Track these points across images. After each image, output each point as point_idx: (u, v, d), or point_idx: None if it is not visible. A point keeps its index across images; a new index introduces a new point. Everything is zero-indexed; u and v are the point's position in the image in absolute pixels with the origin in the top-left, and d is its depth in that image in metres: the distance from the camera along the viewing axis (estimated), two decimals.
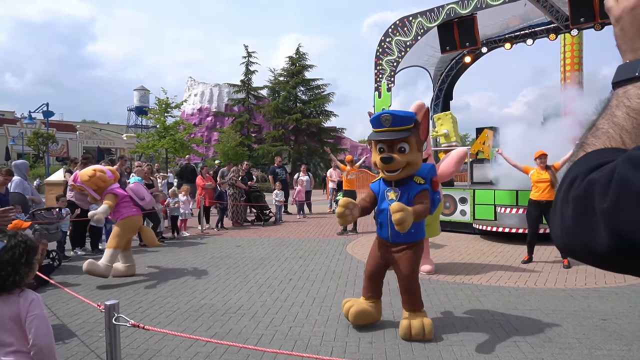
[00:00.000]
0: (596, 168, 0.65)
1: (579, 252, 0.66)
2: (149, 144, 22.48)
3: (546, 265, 6.55)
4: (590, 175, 0.64)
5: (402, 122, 3.82)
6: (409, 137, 3.82)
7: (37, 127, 30.75)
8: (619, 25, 0.75)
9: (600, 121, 0.73)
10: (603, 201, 0.60)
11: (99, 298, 4.99)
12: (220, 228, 11.02)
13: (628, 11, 0.73)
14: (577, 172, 0.67)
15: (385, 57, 12.34)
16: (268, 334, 4.02)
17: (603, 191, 0.60)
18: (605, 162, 0.64)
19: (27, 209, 7.11)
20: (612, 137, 0.70)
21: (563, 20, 11.66)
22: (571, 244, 0.66)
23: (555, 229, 0.69)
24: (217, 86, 39.26)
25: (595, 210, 0.61)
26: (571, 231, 0.65)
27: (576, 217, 0.64)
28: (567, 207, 0.66)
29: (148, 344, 3.78)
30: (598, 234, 0.60)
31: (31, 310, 2.02)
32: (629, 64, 0.73)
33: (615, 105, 0.71)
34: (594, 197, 0.62)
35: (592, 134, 0.73)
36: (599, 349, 3.61)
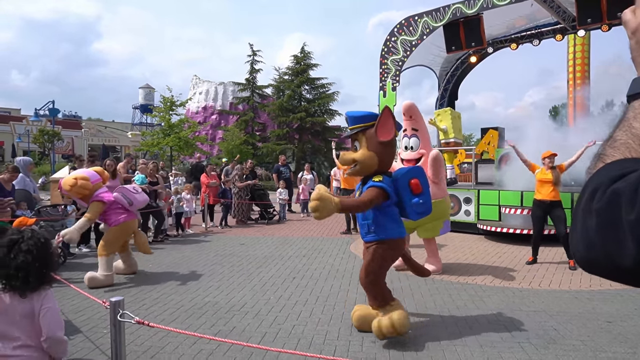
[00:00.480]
0: (619, 178, 0.63)
1: (603, 266, 0.63)
2: (154, 142, 22.56)
3: (550, 266, 6.52)
4: (614, 186, 0.62)
5: (355, 121, 3.92)
6: (358, 135, 3.91)
7: (43, 124, 30.92)
8: (636, 38, 0.75)
9: (617, 133, 0.72)
10: (630, 212, 0.58)
11: (103, 295, 5.01)
12: (224, 226, 11.05)
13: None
14: (598, 183, 0.66)
15: (390, 57, 12.32)
16: (271, 332, 4.03)
17: (630, 202, 0.58)
18: (627, 172, 0.63)
19: (33, 206, 7.15)
20: (632, 148, 0.69)
21: (570, 20, 11.61)
22: (594, 258, 0.64)
23: (576, 242, 0.67)
24: (221, 84, 39.34)
25: (621, 222, 0.59)
26: (595, 244, 0.63)
27: (600, 230, 0.62)
28: (590, 219, 0.64)
29: (152, 341, 3.80)
30: (625, 247, 0.58)
31: (45, 304, 2.05)
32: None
33: (633, 117, 0.71)
34: (620, 208, 0.59)
35: (610, 146, 0.72)
36: (603, 351, 3.60)
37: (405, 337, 3.81)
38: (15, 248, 2.03)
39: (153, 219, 9.19)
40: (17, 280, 2.00)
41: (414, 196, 3.92)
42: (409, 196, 3.91)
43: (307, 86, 33.41)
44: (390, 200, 3.81)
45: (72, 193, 5.75)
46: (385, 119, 3.86)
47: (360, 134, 3.91)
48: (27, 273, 2.00)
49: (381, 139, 3.85)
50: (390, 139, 3.90)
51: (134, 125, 55.58)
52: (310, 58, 33.39)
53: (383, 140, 3.85)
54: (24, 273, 1.99)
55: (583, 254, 0.66)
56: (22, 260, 2.00)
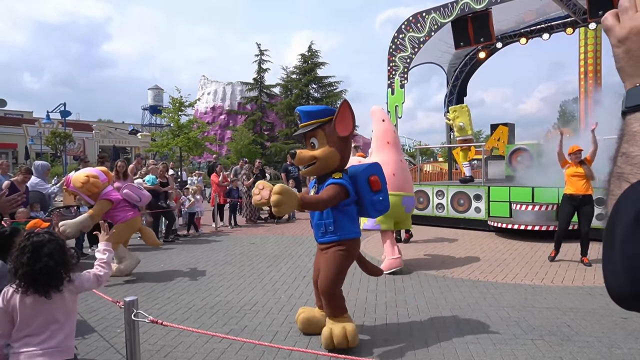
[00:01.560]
0: None
1: None
2: (163, 143, 22.71)
3: (563, 262, 6.45)
4: None
5: (310, 117, 3.73)
6: (316, 132, 3.69)
7: (55, 126, 31.31)
8: (624, 46, 0.69)
9: (630, 148, 0.66)
10: None
11: (116, 295, 5.07)
12: (234, 226, 11.10)
13: (637, 32, 0.67)
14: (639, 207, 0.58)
15: (398, 54, 12.27)
16: (283, 331, 4.04)
17: None
18: None
19: (46, 208, 7.25)
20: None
21: (581, 13, 11.46)
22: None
23: (619, 278, 0.59)
24: (230, 84, 39.51)
25: None
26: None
27: None
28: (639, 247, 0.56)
29: (165, 340, 3.84)
30: None
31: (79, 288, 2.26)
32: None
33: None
34: None
35: (629, 163, 0.66)
36: (618, 347, 3.55)
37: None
38: (38, 252, 2.07)
39: (164, 219, 9.27)
40: (40, 284, 2.05)
41: (374, 193, 3.76)
42: (368, 193, 3.74)
43: (315, 85, 33.44)
44: (349, 199, 3.66)
45: (82, 190, 5.77)
46: (344, 113, 3.67)
47: (319, 130, 3.68)
48: (50, 277, 2.05)
49: (341, 134, 3.66)
50: (349, 133, 3.71)
51: (143, 126, 56.03)
52: (318, 56, 33.43)
53: (343, 136, 3.67)
54: (47, 277, 2.04)
55: (631, 292, 0.58)
56: (44, 264, 2.04)
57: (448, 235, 9.07)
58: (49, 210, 7.12)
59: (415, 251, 7.57)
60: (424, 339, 3.82)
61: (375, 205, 3.77)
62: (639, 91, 0.68)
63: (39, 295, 2.05)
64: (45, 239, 2.12)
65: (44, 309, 2.08)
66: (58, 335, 2.09)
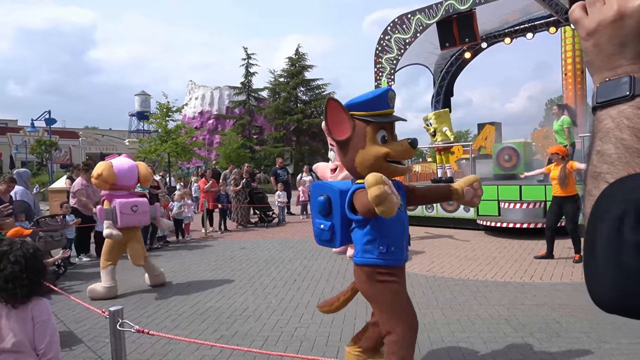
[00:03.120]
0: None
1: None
2: (151, 149, 22.53)
3: (551, 260, 6.51)
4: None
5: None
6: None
7: (40, 135, 30.90)
8: (593, 39, 0.68)
9: (605, 146, 0.64)
10: None
11: (104, 304, 4.99)
12: (224, 230, 11.03)
13: (606, 24, 0.66)
14: (622, 209, 0.55)
15: (384, 55, 12.32)
16: (274, 336, 4.01)
17: None
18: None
19: (31, 217, 7.13)
20: (632, 163, 0.61)
21: (563, 13, 11.62)
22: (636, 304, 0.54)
23: (602, 284, 0.57)
24: (217, 89, 39.30)
25: None
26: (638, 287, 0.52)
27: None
28: (625, 255, 0.53)
29: (154, 349, 3.78)
30: None
31: (37, 316, 2.04)
32: (612, 83, 0.66)
33: (616, 127, 0.64)
34: None
35: (604, 161, 0.64)
36: (607, 342, 3.59)
37: None
38: (3, 259, 2.02)
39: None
40: (5, 291, 1.99)
41: None
42: None
43: (303, 88, 33.44)
44: None
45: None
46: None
47: None
48: (14, 284, 1.98)
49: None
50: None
51: (131, 133, 55.55)
52: (305, 59, 33.43)
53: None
54: (12, 284, 1.98)
55: (614, 298, 0.56)
56: (10, 271, 1.99)
57: (437, 235, 9.11)
58: (34, 220, 7.00)
59: None
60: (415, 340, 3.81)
61: None
62: (609, 86, 0.66)
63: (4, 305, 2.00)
64: (15, 247, 2.08)
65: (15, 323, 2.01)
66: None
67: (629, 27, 0.64)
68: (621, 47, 0.65)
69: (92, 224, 7.87)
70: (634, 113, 0.63)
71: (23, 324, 2.01)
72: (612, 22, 0.65)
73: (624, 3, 0.64)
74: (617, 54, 0.66)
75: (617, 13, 0.64)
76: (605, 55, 0.67)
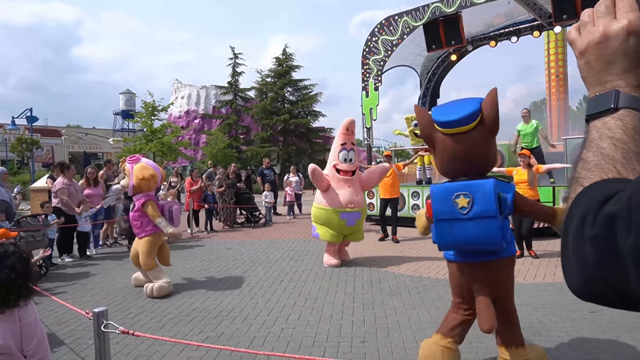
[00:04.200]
0: (606, 201, 0.60)
1: (606, 297, 0.60)
2: (136, 148, 22.26)
3: (534, 260, 6.62)
4: (605, 210, 0.58)
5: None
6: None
7: (21, 132, 30.25)
8: (584, 58, 0.75)
9: (587, 154, 0.71)
10: (628, 237, 0.54)
11: (87, 305, 4.92)
12: (210, 231, 10.95)
13: (593, 45, 0.73)
14: (585, 209, 0.62)
15: (372, 57, 12.38)
16: (260, 336, 4.00)
17: (625, 225, 0.55)
18: (612, 193, 0.60)
19: (12, 217, 6.98)
20: (606, 169, 0.67)
21: (546, 17, 11.82)
22: (596, 289, 0.60)
23: (571, 273, 0.64)
24: (204, 88, 38.99)
25: (620, 248, 0.55)
26: (595, 275, 0.59)
27: (599, 258, 0.58)
28: (584, 248, 0.60)
29: (139, 350, 3.74)
30: (628, 274, 0.54)
31: (24, 318, 2.01)
32: (600, 97, 0.72)
33: (598, 137, 0.70)
34: (616, 234, 0.56)
35: (583, 168, 0.70)
36: (587, 341, 3.66)
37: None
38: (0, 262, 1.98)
39: None
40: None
41: None
42: None
43: (290, 88, 33.38)
44: None
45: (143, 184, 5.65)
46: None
47: None
48: (8, 290, 1.94)
49: None
50: None
51: (115, 132, 54.78)
52: (293, 60, 33.37)
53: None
54: (5, 290, 1.94)
55: (581, 286, 0.62)
56: (4, 277, 1.94)
57: (424, 236, 9.15)
58: (15, 220, 6.86)
59: (391, 252, 7.63)
60: (401, 339, 3.84)
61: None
62: (597, 100, 0.73)
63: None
64: (10, 251, 2.03)
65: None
66: None
67: (613, 47, 0.71)
68: (608, 64, 0.72)
69: (75, 224, 7.74)
70: (615, 124, 0.69)
71: (10, 327, 1.97)
72: (598, 42, 0.72)
73: (608, 25, 0.71)
74: (605, 70, 0.72)
75: (602, 34, 0.71)
76: (595, 72, 0.74)
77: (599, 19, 0.73)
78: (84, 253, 7.96)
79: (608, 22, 0.71)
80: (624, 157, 0.67)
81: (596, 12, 0.74)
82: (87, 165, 9.18)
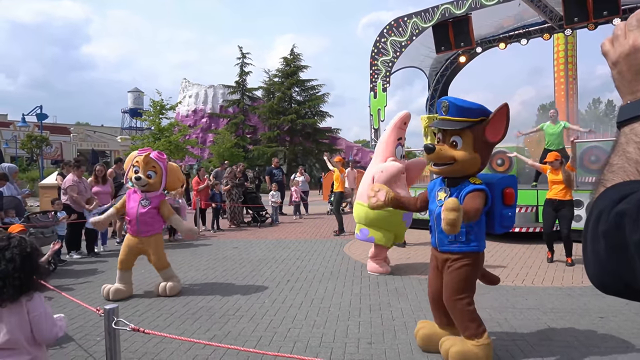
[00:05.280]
0: (620, 201, 0.65)
1: (616, 288, 0.65)
2: (144, 146, 22.39)
3: (543, 264, 6.58)
4: (617, 208, 0.64)
5: (461, 112, 3.28)
6: (464, 131, 3.28)
7: (31, 130, 30.53)
8: (617, 69, 0.79)
9: (613, 158, 0.76)
10: (635, 232, 0.59)
11: (95, 302, 4.96)
12: (217, 230, 10.99)
13: (624, 56, 0.77)
14: (602, 207, 0.68)
15: (380, 58, 12.36)
16: (267, 336, 4.01)
17: (634, 222, 0.60)
18: (628, 193, 0.65)
19: (22, 213, 7.06)
20: (629, 171, 0.71)
21: (557, 20, 11.74)
22: (608, 281, 0.66)
23: (589, 266, 0.70)
24: (211, 87, 39.12)
25: (627, 243, 0.60)
26: (606, 267, 0.65)
27: (610, 253, 0.64)
28: (599, 243, 0.66)
29: (146, 348, 3.76)
30: (635, 267, 0.59)
31: (32, 311, 2.03)
32: (632, 105, 0.76)
33: (625, 142, 0.75)
34: (624, 230, 0.61)
35: (609, 170, 0.75)
36: (596, 346, 3.63)
37: None
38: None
39: None
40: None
41: (505, 207, 3.46)
42: (500, 206, 3.44)
43: (297, 88, 33.41)
44: (485, 207, 3.33)
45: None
46: (500, 117, 3.28)
47: (468, 130, 3.28)
48: (4, 283, 1.95)
49: (490, 139, 3.32)
50: (498, 140, 3.38)
51: (123, 130, 55.13)
52: (300, 60, 33.39)
53: (491, 142, 3.36)
54: (2, 282, 1.95)
55: (597, 276, 0.68)
56: (2, 268, 1.96)
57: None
58: (24, 216, 6.93)
59: (398, 254, 7.61)
60: (408, 341, 3.83)
61: (504, 220, 3.48)
62: (628, 107, 0.77)
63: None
64: (12, 244, 2.04)
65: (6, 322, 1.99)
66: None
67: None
68: (637, 75, 0.76)
69: (83, 220, 7.80)
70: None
71: (17, 321, 1.99)
72: (628, 54, 0.77)
73: (637, 38, 0.76)
74: (635, 80, 0.77)
75: (632, 47, 0.76)
76: (627, 81, 0.78)
77: (630, 32, 0.77)
78: (92, 250, 8.02)
79: (637, 35, 0.76)
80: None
81: (628, 25, 0.78)
82: (95, 163, 9.24)
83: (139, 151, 5.62)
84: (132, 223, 5.41)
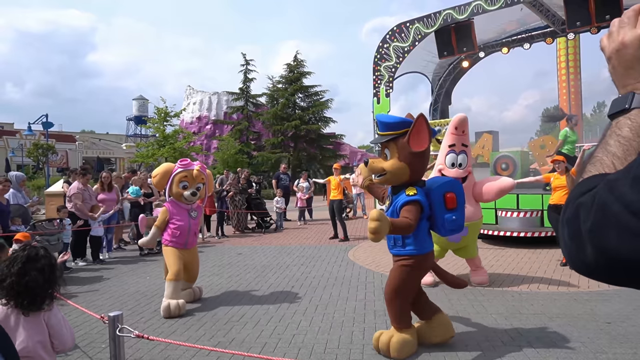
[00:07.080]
0: (585, 193, 0.71)
1: (579, 268, 0.73)
2: (149, 153, 22.51)
3: (548, 268, 6.53)
4: (579, 199, 0.71)
5: (385, 128, 3.69)
6: (389, 143, 3.67)
7: (37, 138, 30.79)
8: (611, 64, 0.84)
9: (597, 150, 0.80)
10: (586, 222, 0.67)
11: (100, 309, 4.97)
12: (221, 236, 11.00)
13: (615, 52, 0.81)
14: (571, 198, 0.75)
15: (383, 63, 12.40)
16: (271, 342, 4.00)
17: (587, 213, 0.68)
18: (592, 186, 0.71)
19: (28, 221, 7.10)
20: (605, 164, 0.76)
21: (559, 24, 11.74)
22: (573, 262, 0.73)
23: (562, 248, 0.77)
24: (215, 94, 39.33)
25: (581, 231, 0.68)
26: (570, 251, 0.72)
27: (571, 238, 0.72)
28: (564, 229, 0.74)
29: (151, 354, 3.76)
30: (587, 252, 0.67)
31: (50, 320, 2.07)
32: (620, 98, 0.80)
33: (609, 135, 0.79)
34: (579, 219, 0.69)
35: (590, 162, 0.80)
36: (604, 352, 3.59)
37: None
38: (27, 264, 2.01)
39: None
40: (24, 299, 1.98)
41: (447, 211, 3.64)
42: (442, 211, 3.64)
43: (301, 94, 33.50)
44: (422, 214, 3.59)
45: None
46: (419, 128, 3.56)
47: (392, 142, 3.64)
48: (35, 293, 1.99)
49: (414, 149, 3.57)
50: (423, 149, 3.62)
51: (128, 137, 55.46)
52: (304, 66, 33.52)
53: (416, 151, 3.58)
54: (32, 292, 1.98)
55: (567, 259, 0.75)
56: (32, 279, 1.98)
57: None
58: (30, 224, 6.98)
59: None
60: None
61: (448, 224, 3.64)
62: (617, 101, 0.80)
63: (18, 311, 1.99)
64: (41, 254, 2.08)
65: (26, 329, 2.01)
66: None
67: (629, 54, 0.80)
68: (627, 69, 0.81)
69: (88, 227, 7.84)
70: (624, 122, 0.77)
71: (36, 331, 2.01)
72: (618, 50, 0.81)
73: (624, 35, 0.80)
74: (626, 75, 0.81)
75: (620, 43, 0.80)
76: (619, 76, 0.83)
77: (621, 28, 0.81)
78: (97, 257, 8.05)
79: (626, 32, 0.80)
80: (624, 152, 0.74)
81: (620, 22, 0.82)
82: (100, 170, 9.31)
83: (180, 165, 5.31)
84: (180, 236, 5.22)
